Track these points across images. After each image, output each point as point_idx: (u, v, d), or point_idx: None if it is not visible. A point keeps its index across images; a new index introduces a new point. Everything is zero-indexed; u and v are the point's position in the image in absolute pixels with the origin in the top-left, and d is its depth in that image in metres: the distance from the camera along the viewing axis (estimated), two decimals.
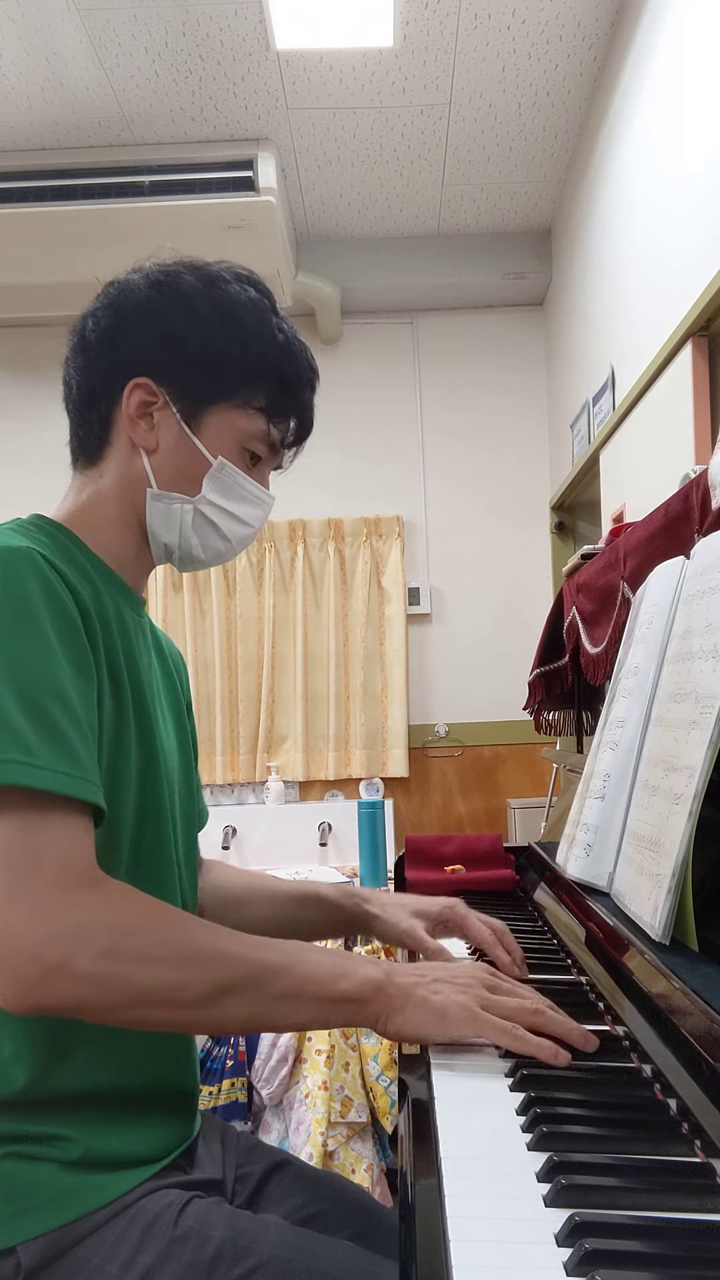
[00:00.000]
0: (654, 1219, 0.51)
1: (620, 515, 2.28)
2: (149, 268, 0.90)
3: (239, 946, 0.73)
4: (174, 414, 0.88)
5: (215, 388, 0.88)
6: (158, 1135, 0.83)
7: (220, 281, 0.89)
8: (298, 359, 0.92)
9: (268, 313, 0.90)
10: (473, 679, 3.40)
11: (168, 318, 0.87)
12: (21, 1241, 0.72)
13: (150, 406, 0.88)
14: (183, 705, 1.02)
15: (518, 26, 2.31)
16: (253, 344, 0.88)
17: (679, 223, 1.90)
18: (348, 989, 0.73)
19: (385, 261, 3.28)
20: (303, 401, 0.93)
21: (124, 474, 0.89)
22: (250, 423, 0.90)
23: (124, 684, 0.83)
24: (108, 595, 0.85)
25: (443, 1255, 0.49)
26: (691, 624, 0.83)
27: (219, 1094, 2.25)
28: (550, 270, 3.24)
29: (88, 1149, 0.76)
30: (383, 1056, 2.27)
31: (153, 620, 1.02)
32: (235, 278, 0.90)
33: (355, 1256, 0.78)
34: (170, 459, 0.89)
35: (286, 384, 0.91)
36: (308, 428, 0.96)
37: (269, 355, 0.89)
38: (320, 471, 3.43)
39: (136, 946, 0.69)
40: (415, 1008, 0.73)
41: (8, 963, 0.66)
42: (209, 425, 0.89)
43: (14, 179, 2.68)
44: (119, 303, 0.88)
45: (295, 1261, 0.74)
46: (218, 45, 2.36)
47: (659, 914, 0.72)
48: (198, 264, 0.91)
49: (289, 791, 3.34)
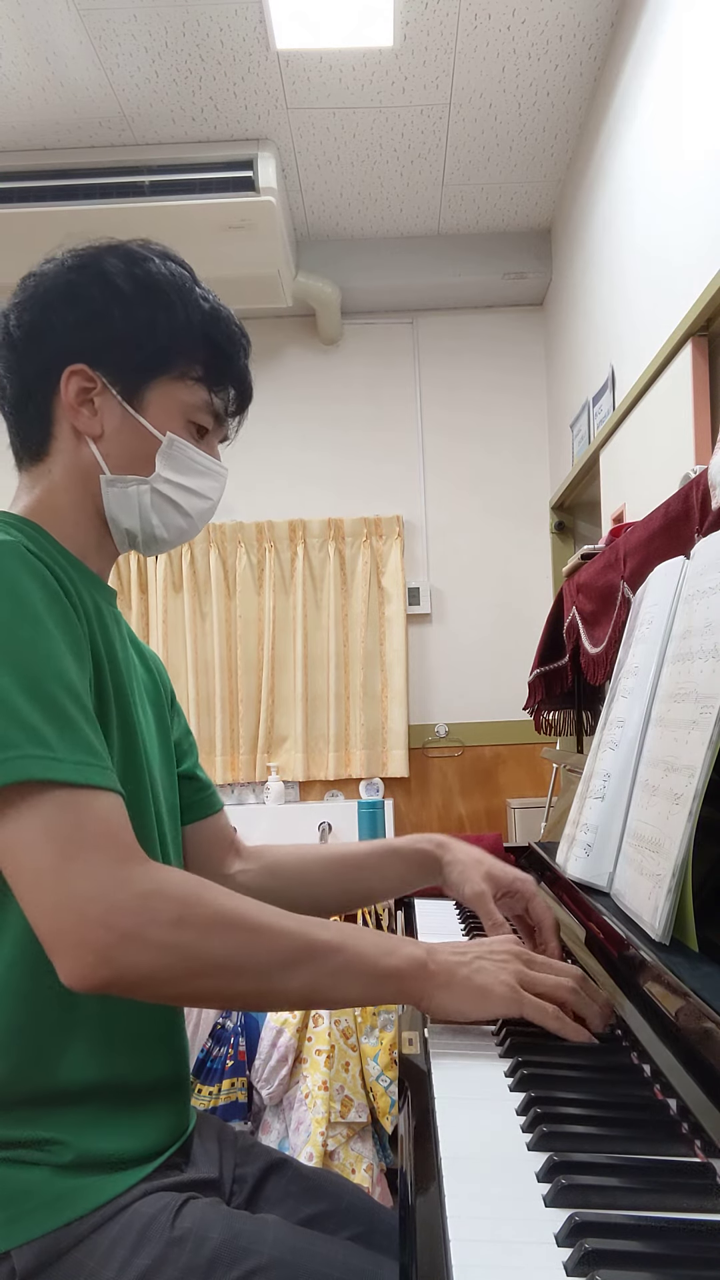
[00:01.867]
0: (654, 1219, 0.51)
1: (620, 515, 2.28)
2: (62, 255, 0.90)
3: (293, 922, 0.75)
4: (114, 396, 0.87)
5: (150, 363, 0.88)
6: (151, 1131, 0.83)
7: (138, 258, 0.89)
8: (227, 324, 0.92)
9: (190, 283, 0.90)
10: (473, 679, 3.40)
11: (91, 299, 0.86)
12: (16, 1246, 0.71)
13: (90, 392, 0.87)
14: (163, 699, 1.02)
15: (518, 26, 2.31)
16: (179, 314, 0.88)
17: (679, 222, 1.90)
18: (395, 965, 0.75)
19: (385, 261, 3.28)
20: (239, 367, 0.93)
21: (74, 464, 0.89)
22: (191, 394, 0.89)
23: (105, 673, 0.84)
24: (83, 586, 0.85)
25: (443, 1255, 0.49)
26: (691, 624, 0.83)
27: (219, 1094, 2.25)
28: (550, 270, 3.25)
29: (81, 1152, 0.76)
30: (383, 1056, 2.27)
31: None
32: (153, 254, 0.90)
33: (355, 1257, 0.78)
34: (118, 441, 0.88)
35: (219, 350, 0.90)
36: (248, 394, 0.96)
37: (196, 323, 0.89)
38: (320, 471, 3.43)
39: (204, 916, 0.70)
40: (460, 986, 0.75)
41: (76, 934, 0.66)
42: (151, 402, 0.88)
43: (14, 179, 2.68)
44: (39, 293, 0.88)
45: (294, 1262, 0.74)
46: (218, 45, 2.36)
47: (659, 914, 0.72)
48: (113, 243, 0.91)
49: (289, 791, 3.34)
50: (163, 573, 3.34)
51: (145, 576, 3.37)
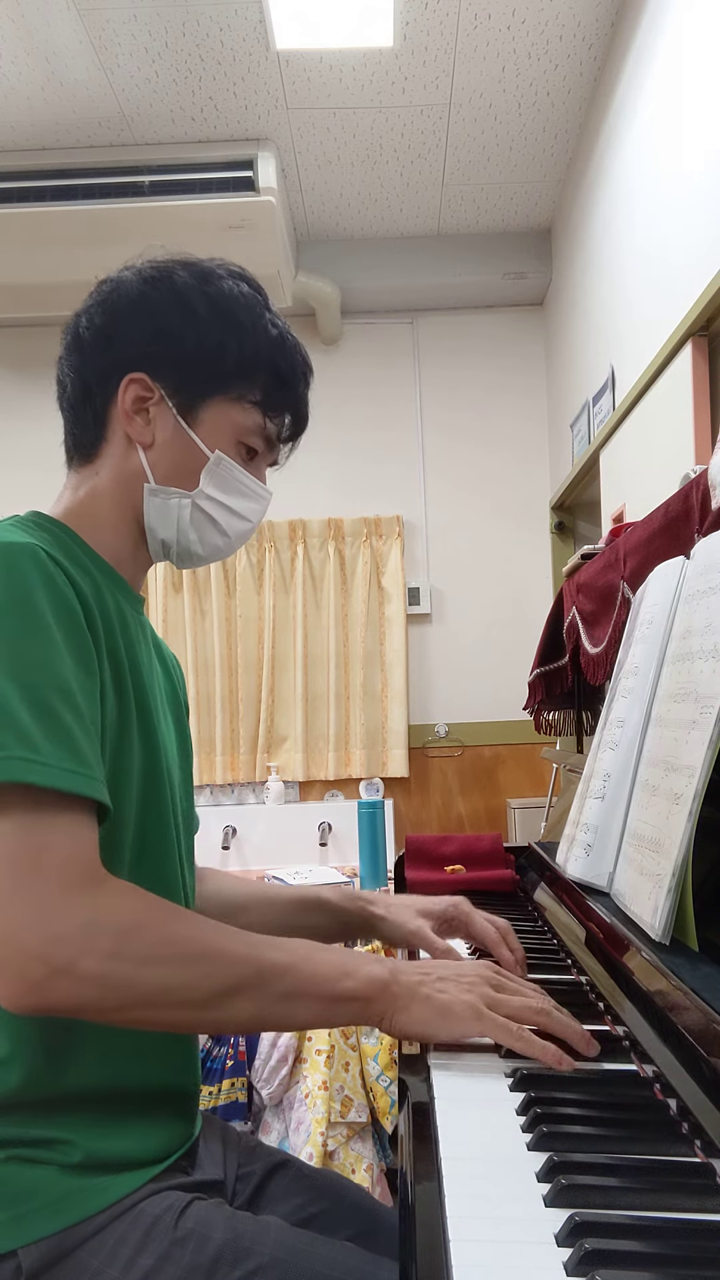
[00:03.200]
0: (654, 1219, 0.51)
1: (620, 515, 2.28)
2: (141, 265, 0.91)
3: (244, 945, 0.73)
4: (170, 408, 0.88)
5: (211, 382, 0.88)
6: (159, 1136, 0.83)
7: (213, 277, 0.89)
8: (292, 354, 0.92)
9: (261, 308, 0.91)
10: (473, 679, 3.40)
11: (162, 313, 0.87)
12: (23, 1245, 0.72)
13: (146, 401, 0.88)
14: (182, 708, 1.02)
15: (518, 26, 2.31)
16: (247, 338, 0.88)
17: (679, 222, 1.90)
18: (352, 987, 0.73)
19: (385, 261, 3.28)
20: (298, 396, 0.94)
21: (120, 470, 0.89)
22: (246, 417, 0.90)
23: (126, 681, 0.83)
24: (108, 592, 0.85)
25: (443, 1255, 0.49)
26: (691, 624, 0.83)
27: (219, 1094, 2.25)
28: (550, 270, 3.24)
29: (89, 1152, 0.76)
30: (383, 1056, 2.27)
31: (152, 620, 1.02)
32: (228, 274, 0.91)
33: (355, 1257, 0.78)
34: (167, 453, 0.89)
35: (281, 378, 0.91)
36: (303, 423, 0.96)
37: (263, 349, 0.89)
38: (320, 471, 3.43)
39: (141, 946, 0.68)
40: (420, 1006, 0.73)
41: (10, 963, 0.65)
42: (205, 420, 0.89)
43: (14, 179, 2.68)
44: (113, 300, 0.89)
45: (295, 1263, 0.74)
46: (218, 45, 2.36)
47: (659, 914, 0.72)
48: (190, 260, 0.91)
49: (289, 791, 3.34)
50: (163, 573, 3.34)
51: (145, 576, 3.37)
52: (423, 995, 0.74)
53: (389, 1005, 0.73)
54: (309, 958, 0.74)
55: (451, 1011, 0.73)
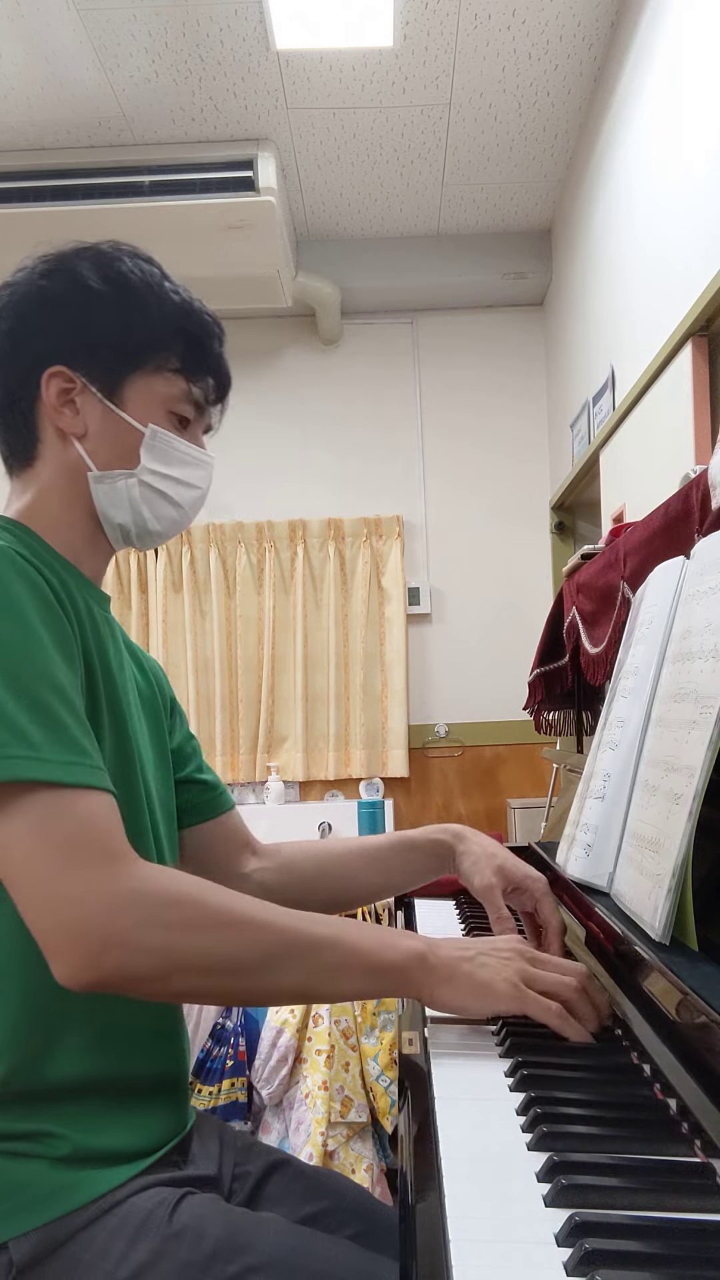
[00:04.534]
0: (654, 1219, 0.51)
1: (620, 515, 2.28)
2: (34, 263, 0.92)
3: (285, 918, 0.75)
4: (95, 394, 0.89)
5: (127, 359, 0.89)
6: (149, 1127, 0.83)
7: (109, 258, 0.91)
8: (199, 315, 0.93)
9: (160, 279, 0.92)
10: (473, 679, 3.40)
11: (65, 303, 0.88)
12: (13, 1237, 0.72)
13: (70, 393, 0.88)
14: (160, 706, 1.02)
15: (518, 26, 2.31)
16: (153, 310, 0.90)
17: (679, 223, 1.90)
18: (394, 959, 0.76)
19: (385, 261, 3.28)
20: (215, 355, 0.95)
21: (61, 466, 0.90)
22: (170, 385, 0.91)
23: (97, 677, 0.85)
24: (76, 591, 0.86)
25: (443, 1255, 0.49)
26: (691, 624, 0.83)
27: (219, 1094, 2.25)
28: (550, 270, 3.24)
29: (77, 1145, 0.76)
30: (383, 1056, 2.27)
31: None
32: (121, 253, 0.92)
33: (355, 1256, 0.78)
34: (102, 439, 0.89)
35: (194, 340, 0.92)
36: (226, 381, 0.97)
37: (171, 317, 0.90)
38: (320, 471, 3.43)
39: (189, 916, 0.71)
40: (462, 981, 0.76)
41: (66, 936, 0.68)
42: (131, 397, 0.90)
43: (14, 179, 2.68)
44: (14, 302, 0.90)
45: (293, 1261, 0.74)
46: (218, 45, 2.36)
47: (659, 914, 0.72)
48: (82, 246, 0.93)
49: (289, 791, 3.34)
50: (163, 573, 3.34)
51: (145, 576, 3.37)
52: (464, 971, 0.76)
53: (428, 977, 0.76)
54: (351, 929, 0.77)
55: (492, 989, 0.75)
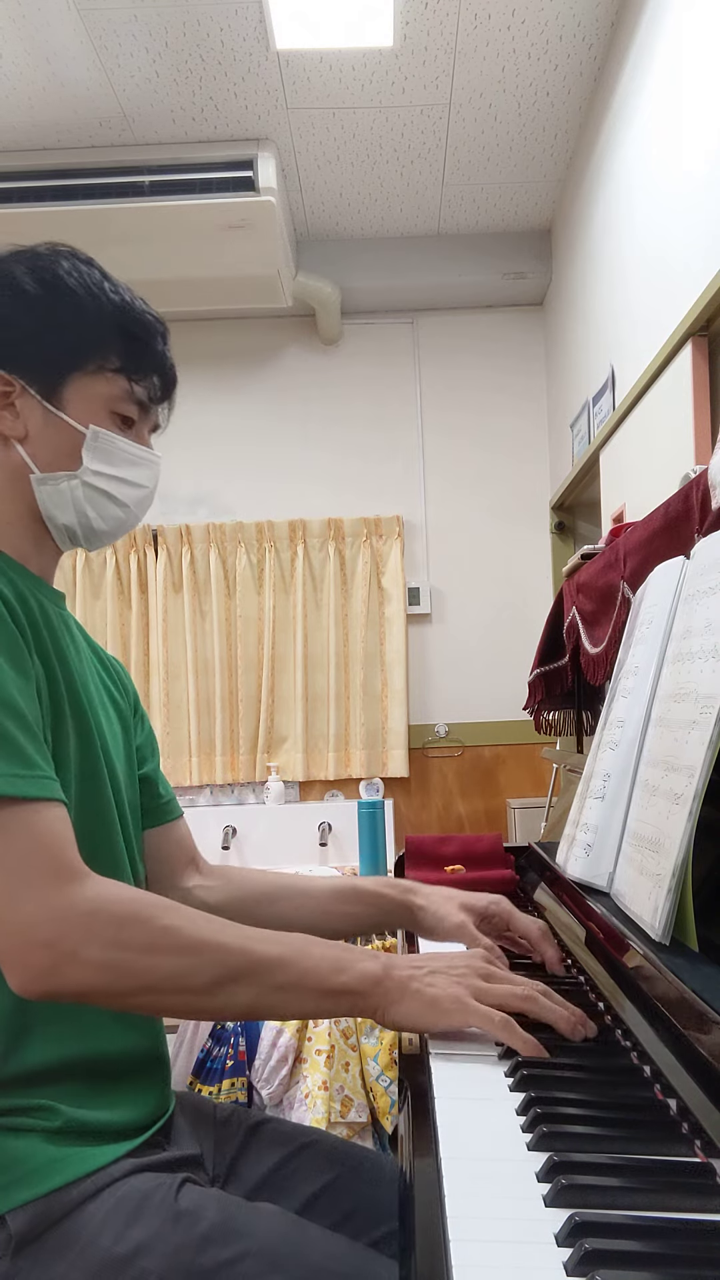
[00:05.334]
0: (654, 1219, 0.51)
1: (620, 515, 2.28)
2: None
3: (236, 938, 0.76)
4: (33, 396, 0.88)
5: (64, 360, 0.89)
6: (135, 1105, 0.85)
7: (44, 259, 0.90)
8: (140, 314, 0.92)
9: (98, 277, 0.91)
10: (473, 679, 3.40)
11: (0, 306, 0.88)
12: (10, 1209, 0.74)
13: (9, 395, 0.88)
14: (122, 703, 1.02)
15: (518, 26, 2.31)
16: (88, 309, 0.89)
17: (679, 223, 1.90)
18: (346, 982, 0.76)
19: (385, 261, 3.28)
20: (158, 354, 0.94)
21: (3, 468, 0.90)
22: (110, 385, 0.90)
23: (58, 679, 0.85)
24: (27, 591, 0.86)
25: (443, 1255, 0.49)
26: (691, 624, 0.83)
27: (219, 1094, 2.25)
28: (550, 270, 3.24)
29: (69, 1119, 0.79)
30: (383, 1056, 2.27)
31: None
32: (58, 254, 0.92)
33: (349, 1249, 0.79)
34: (43, 440, 0.89)
35: (135, 339, 0.91)
36: (171, 379, 0.96)
37: (108, 314, 0.90)
38: (320, 471, 3.43)
39: (141, 936, 0.72)
40: (411, 999, 0.76)
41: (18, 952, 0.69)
42: (71, 398, 0.89)
43: (14, 179, 2.68)
44: None
45: (287, 1251, 0.75)
46: (218, 45, 2.36)
47: (659, 914, 0.72)
48: (17, 248, 0.92)
49: (289, 791, 3.34)
50: (163, 573, 3.34)
51: (145, 576, 3.37)
52: (413, 990, 0.76)
53: (382, 999, 0.76)
54: (304, 952, 0.77)
55: (439, 1004, 0.76)
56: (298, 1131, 0.98)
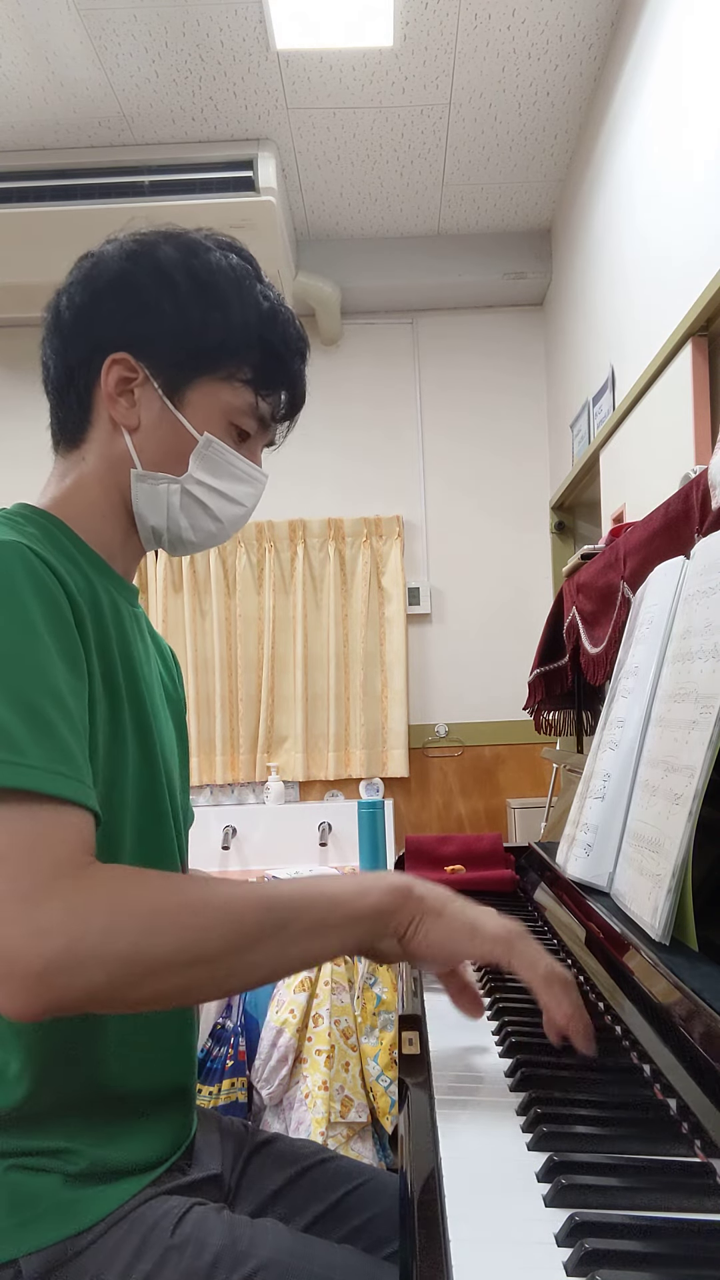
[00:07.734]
0: (654, 1219, 0.51)
1: (620, 515, 2.28)
2: (124, 238, 0.87)
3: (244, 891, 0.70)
4: (155, 389, 0.84)
5: (197, 361, 0.84)
6: (161, 1138, 0.83)
7: (199, 249, 0.85)
8: (284, 326, 0.88)
9: (250, 279, 0.87)
10: (473, 679, 3.40)
11: (143, 289, 0.83)
12: (24, 1254, 0.71)
13: (130, 383, 0.84)
14: (180, 702, 1.00)
15: (518, 26, 2.31)
16: (234, 313, 0.84)
17: (679, 223, 1.90)
18: (374, 901, 0.70)
19: (385, 261, 3.28)
20: (293, 372, 0.89)
21: (107, 455, 0.86)
22: (237, 396, 0.86)
23: (119, 678, 0.81)
24: (100, 586, 0.82)
25: (443, 1255, 0.49)
26: (691, 624, 0.83)
27: (219, 1094, 2.25)
28: (550, 270, 3.24)
29: (94, 1160, 0.75)
30: (383, 1056, 2.27)
31: (152, 620, 1.01)
32: (216, 245, 0.87)
33: (354, 1259, 0.78)
34: (153, 437, 0.85)
35: (273, 353, 0.87)
36: (299, 400, 0.92)
37: (252, 324, 0.85)
38: (320, 471, 3.43)
39: (139, 915, 0.64)
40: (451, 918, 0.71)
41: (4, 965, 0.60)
42: (193, 400, 0.85)
43: (14, 179, 2.68)
44: (93, 277, 0.85)
45: (293, 1265, 0.74)
46: (218, 45, 2.36)
47: (659, 914, 0.72)
48: (176, 232, 0.87)
49: (289, 791, 3.34)
50: (163, 572, 3.34)
51: (145, 576, 3.37)
52: (455, 907, 0.71)
53: (416, 911, 0.70)
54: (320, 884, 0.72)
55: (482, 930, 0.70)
56: (306, 1150, 0.96)
